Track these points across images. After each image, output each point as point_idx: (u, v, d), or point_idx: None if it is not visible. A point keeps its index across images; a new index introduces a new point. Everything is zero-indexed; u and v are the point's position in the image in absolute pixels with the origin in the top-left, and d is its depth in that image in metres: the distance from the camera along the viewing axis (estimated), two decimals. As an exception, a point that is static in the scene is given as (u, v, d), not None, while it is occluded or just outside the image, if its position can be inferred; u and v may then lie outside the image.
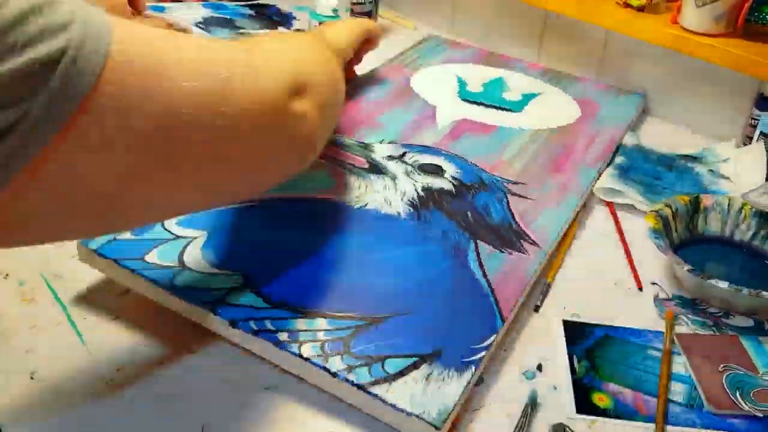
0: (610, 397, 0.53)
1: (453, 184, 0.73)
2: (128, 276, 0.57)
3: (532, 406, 0.51)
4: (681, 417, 0.52)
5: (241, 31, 1.19)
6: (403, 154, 0.77)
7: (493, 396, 0.52)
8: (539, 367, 0.55)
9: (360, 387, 0.49)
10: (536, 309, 0.61)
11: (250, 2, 1.27)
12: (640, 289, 0.65)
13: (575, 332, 0.59)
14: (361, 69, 0.95)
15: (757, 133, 0.85)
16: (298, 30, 1.21)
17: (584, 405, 0.52)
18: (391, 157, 0.76)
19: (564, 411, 0.52)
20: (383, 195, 0.69)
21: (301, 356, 0.50)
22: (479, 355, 0.52)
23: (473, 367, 0.51)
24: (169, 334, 0.56)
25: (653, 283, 0.66)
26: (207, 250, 0.59)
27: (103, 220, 0.39)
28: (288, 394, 0.52)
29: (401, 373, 0.50)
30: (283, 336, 0.52)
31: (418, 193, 0.70)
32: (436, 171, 0.74)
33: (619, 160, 0.82)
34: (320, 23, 1.13)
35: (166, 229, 0.61)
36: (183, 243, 0.60)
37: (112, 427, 0.48)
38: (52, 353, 0.54)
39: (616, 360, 0.56)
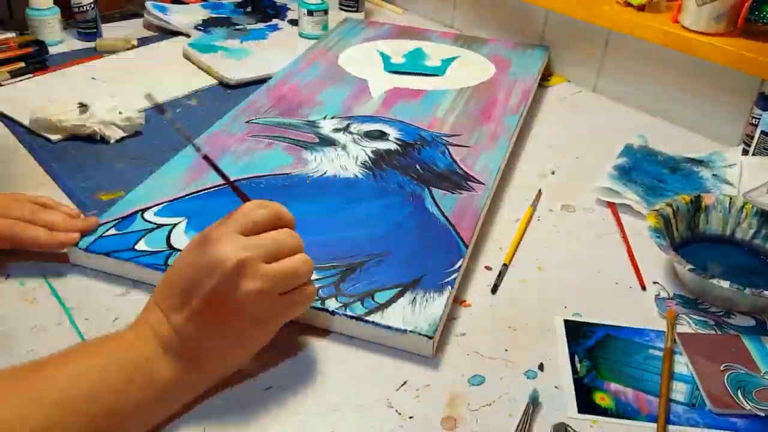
0: (612, 397, 0.53)
1: (398, 145, 0.81)
2: (123, 266, 0.61)
3: (533, 405, 0.51)
4: (683, 416, 0.52)
5: (238, 27, 1.20)
6: (348, 126, 0.84)
7: (495, 395, 0.52)
8: (541, 367, 0.55)
9: (358, 318, 0.55)
10: (494, 290, 0.63)
11: None
12: (644, 288, 0.65)
13: (576, 332, 0.59)
14: (288, 59, 1.03)
15: (758, 132, 0.85)
16: (292, 20, 1.22)
17: (586, 404, 0.52)
18: (337, 130, 0.83)
19: (565, 410, 0.51)
20: (338, 163, 0.76)
21: None
22: (453, 277, 0.60)
23: (450, 287, 0.59)
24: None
25: (654, 283, 0.65)
26: (191, 232, 0.64)
27: None
28: (288, 395, 0.52)
29: (390, 302, 0.57)
30: None
31: (369, 156, 0.78)
32: (381, 135, 0.82)
33: (621, 160, 0.82)
34: (309, 11, 1.14)
35: (146, 220, 0.65)
36: (167, 229, 0.64)
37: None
38: (53, 354, 0.54)
39: (617, 359, 0.56)
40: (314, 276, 0.58)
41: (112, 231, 0.64)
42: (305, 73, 0.98)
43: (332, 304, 0.57)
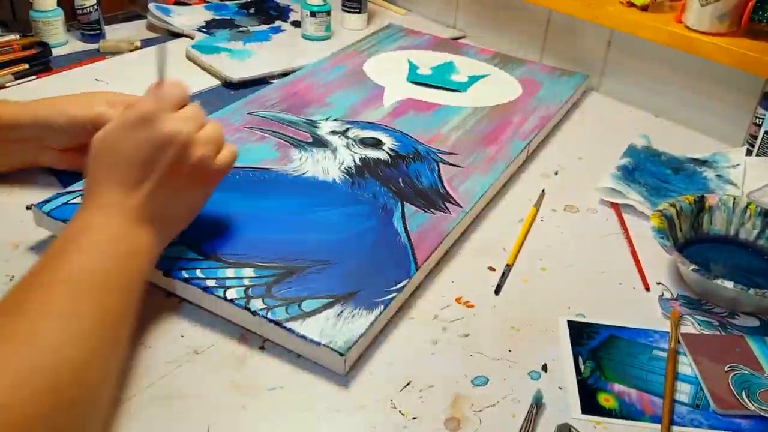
0: (616, 398, 0.53)
1: (389, 155, 0.78)
2: None
3: (537, 406, 0.51)
4: (687, 417, 0.52)
5: (241, 29, 1.20)
6: (347, 130, 0.83)
7: (498, 396, 0.52)
8: (544, 368, 0.55)
9: (276, 323, 0.54)
10: (497, 291, 0.63)
11: None
12: (648, 289, 0.64)
13: (580, 332, 0.59)
14: (316, 56, 1.04)
15: (762, 132, 0.84)
16: (294, 22, 1.21)
17: (589, 405, 0.52)
18: (334, 132, 0.82)
19: (569, 411, 0.52)
20: (322, 165, 0.75)
21: (225, 299, 0.56)
22: (390, 296, 0.57)
23: (382, 306, 0.56)
24: (173, 334, 0.56)
25: (658, 283, 0.65)
26: None
27: None
28: (291, 395, 0.52)
29: (315, 312, 0.55)
30: (211, 282, 0.57)
31: (355, 163, 0.76)
32: (376, 144, 0.80)
33: (624, 161, 0.82)
34: (311, 13, 1.13)
35: None
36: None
37: (116, 427, 0.48)
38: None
39: (621, 360, 0.56)
40: (251, 274, 0.59)
41: (78, 200, 0.65)
42: (326, 73, 0.98)
43: (257, 304, 0.55)
